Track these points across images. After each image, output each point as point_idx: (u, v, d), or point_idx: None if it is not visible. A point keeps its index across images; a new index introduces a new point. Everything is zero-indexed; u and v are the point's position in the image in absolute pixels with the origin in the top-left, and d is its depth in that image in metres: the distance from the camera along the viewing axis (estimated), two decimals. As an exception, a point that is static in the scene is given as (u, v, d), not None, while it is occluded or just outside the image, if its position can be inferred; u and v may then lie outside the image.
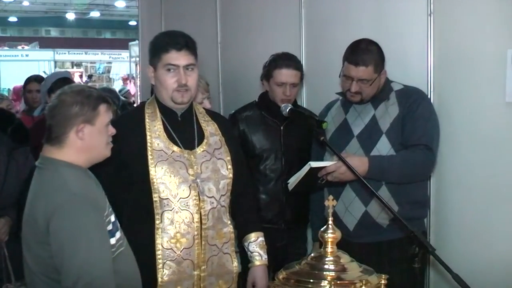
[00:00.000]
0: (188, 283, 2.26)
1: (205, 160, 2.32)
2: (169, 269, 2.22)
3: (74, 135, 1.95)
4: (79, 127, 1.95)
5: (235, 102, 3.61)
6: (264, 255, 2.47)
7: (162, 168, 2.24)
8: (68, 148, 1.96)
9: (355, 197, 2.64)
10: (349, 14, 3.32)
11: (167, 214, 2.23)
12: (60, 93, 1.99)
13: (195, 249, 2.26)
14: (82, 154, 1.98)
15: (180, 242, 2.24)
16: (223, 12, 4.44)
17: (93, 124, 1.97)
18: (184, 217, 2.24)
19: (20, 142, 3.38)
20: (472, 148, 2.69)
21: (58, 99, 1.97)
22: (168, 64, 2.28)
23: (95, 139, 1.99)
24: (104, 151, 2.04)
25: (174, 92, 2.30)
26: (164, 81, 2.30)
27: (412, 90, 2.69)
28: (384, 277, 1.78)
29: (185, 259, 2.24)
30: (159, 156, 2.25)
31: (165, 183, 2.23)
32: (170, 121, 2.35)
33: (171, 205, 2.23)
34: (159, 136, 2.30)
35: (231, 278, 2.39)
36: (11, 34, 28.92)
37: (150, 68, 2.36)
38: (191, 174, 2.27)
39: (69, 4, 23.77)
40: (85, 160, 2.00)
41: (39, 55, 19.93)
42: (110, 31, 30.97)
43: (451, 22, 2.78)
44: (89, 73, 19.77)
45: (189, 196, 2.25)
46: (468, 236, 2.73)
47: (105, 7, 24.10)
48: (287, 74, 3.02)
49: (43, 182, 1.96)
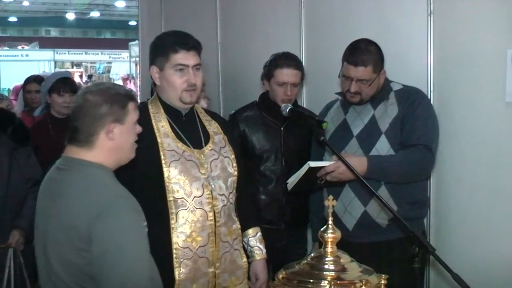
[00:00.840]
0: (203, 280, 2.28)
1: (214, 158, 2.35)
2: (186, 267, 2.24)
3: (104, 135, 1.85)
4: (110, 127, 1.85)
5: (235, 102, 3.62)
6: (264, 249, 2.51)
7: (176, 168, 2.25)
8: (99, 149, 1.86)
9: (354, 197, 2.64)
10: (349, 14, 3.32)
11: (182, 213, 2.24)
12: (85, 92, 1.88)
13: (210, 247, 2.28)
14: (113, 155, 1.89)
15: (196, 240, 2.26)
16: (223, 12, 4.44)
17: (123, 123, 1.88)
18: (199, 216, 2.26)
19: (20, 142, 3.38)
20: (472, 148, 2.69)
21: (84, 99, 1.86)
22: (178, 64, 2.29)
23: (124, 139, 1.90)
24: (130, 152, 1.95)
25: (183, 92, 2.31)
26: (173, 81, 2.30)
27: (412, 90, 2.69)
28: (384, 277, 1.78)
29: (201, 257, 2.27)
30: (172, 156, 2.26)
31: (179, 183, 2.24)
32: (175, 121, 2.36)
33: (186, 204, 2.25)
34: (168, 136, 2.31)
35: (242, 274, 2.43)
36: (11, 34, 28.96)
37: (155, 69, 2.34)
38: (203, 173, 2.29)
39: (69, 4, 23.80)
40: (114, 161, 1.90)
41: (39, 55, 19.97)
42: (110, 31, 31.00)
43: (451, 22, 2.78)
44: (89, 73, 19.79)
45: (203, 195, 2.27)
46: (468, 236, 2.74)
47: (105, 7, 24.13)
48: (288, 73, 3.02)
49: (72, 185, 1.83)
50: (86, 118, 1.84)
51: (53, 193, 1.86)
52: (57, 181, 1.87)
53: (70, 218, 1.76)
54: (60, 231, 1.79)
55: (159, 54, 2.32)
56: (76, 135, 1.86)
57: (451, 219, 2.82)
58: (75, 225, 1.74)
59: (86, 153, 1.86)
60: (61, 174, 1.87)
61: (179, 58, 2.28)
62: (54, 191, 1.86)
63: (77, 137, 1.86)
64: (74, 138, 1.87)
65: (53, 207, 1.83)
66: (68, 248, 1.77)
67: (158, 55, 2.32)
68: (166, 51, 2.29)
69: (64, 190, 1.83)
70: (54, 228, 1.82)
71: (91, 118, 1.84)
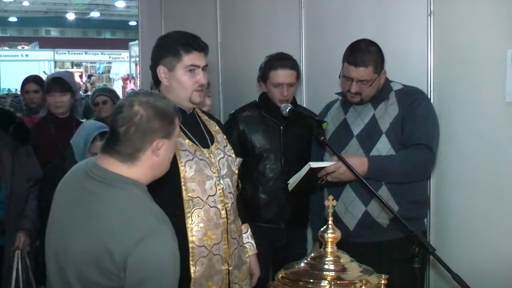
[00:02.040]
0: (218, 277, 2.31)
1: (221, 157, 2.38)
2: (202, 265, 2.26)
3: (150, 152, 1.71)
4: (159, 143, 1.71)
5: (235, 102, 3.61)
6: (254, 244, 2.57)
7: (191, 168, 2.27)
8: (141, 166, 1.72)
9: (355, 197, 2.64)
10: (349, 14, 3.32)
11: (198, 212, 2.26)
12: (133, 101, 1.70)
13: (223, 244, 2.31)
14: (152, 171, 1.76)
15: (211, 238, 2.28)
16: (223, 12, 4.44)
17: (170, 139, 1.75)
18: (213, 214, 2.29)
19: (21, 141, 3.39)
20: (472, 148, 2.69)
21: (134, 110, 1.68)
22: (191, 65, 2.30)
23: (168, 155, 1.78)
24: (168, 166, 1.82)
25: (194, 92, 2.33)
26: (184, 82, 2.31)
27: (412, 90, 2.69)
28: (384, 277, 1.78)
29: (215, 254, 2.29)
30: (186, 156, 2.28)
31: (194, 182, 2.27)
32: (182, 121, 2.37)
33: (201, 203, 2.27)
34: (179, 136, 2.31)
35: (246, 269, 2.47)
36: (11, 34, 28.95)
37: (162, 69, 2.32)
38: (214, 172, 2.32)
39: (69, 4, 23.79)
40: (151, 177, 1.77)
41: (39, 55, 19.98)
42: (110, 31, 31.00)
43: (451, 22, 2.78)
44: (89, 73, 19.80)
45: (216, 194, 2.30)
46: (468, 236, 2.74)
47: (105, 7, 24.13)
48: (283, 74, 3.03)
49: (114, 205, 1.67)
50: (136, 133, 1.68)
51: (88, 208, 1.69)
52: (93, 194, 1.70)
53: (106, 240, 1.61)
54: (89, 251, 1.64)
55: (169, 54, 2.30)
56: (118, 147, 1.70)
57: (451, 219, 2.82)
58: (110, 249, 1.60)
59: (127, 169, 1.71)
60: (99, 188, 1.70)
61: (192, 58, 2.29)
62: (89, 205, 1.69)
63: (120, 150, 1.70)
64: (114, 150, 1.71)
65: (84, 223, 1.67)
66: (95, 269, 1.63)
67: (167, 55, 2.30)
68: (178, 51, 2.29)
69: (104, 210, 1.67)
70: (81, 246, 1.66)
71: (141, 133, 1.69)
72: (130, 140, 1.69)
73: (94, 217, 1.66)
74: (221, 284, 2.31)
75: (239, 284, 2.39)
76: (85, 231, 1.65)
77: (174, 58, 2.29)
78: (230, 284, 2.34)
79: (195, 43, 2.31)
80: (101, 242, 1.61)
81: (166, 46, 2.33)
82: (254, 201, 3.08)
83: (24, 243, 3.24)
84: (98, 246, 1.62)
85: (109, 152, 1.72)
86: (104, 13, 25.96)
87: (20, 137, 3.37)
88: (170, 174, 2.22)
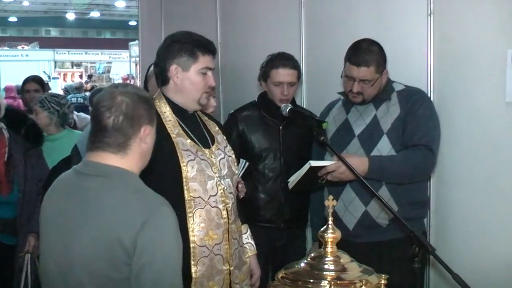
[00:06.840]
0: (219, 278, 2.31)
1: (221, 158, 2.38)
2: (203, 265, 2.26)
3: (139, 139, 1.72)
4: (146, 129, 1.73)
5: (235, 102, 3.61)
6: (254, 245, 2.56)
7: (193, 168, 2.27)
8: (133, 154, 1.72)
9: (355, 197, 2.64)
10: (349, 14, 3.32)
11: (199, 212, 2.26)
12: (113, 93, 1.72)
13: (224, 244, 2.31)
14: (142, 160, 1.76)
15: (212, 238, 2.28)
16: (223, 12, 4.44)
17: (153, 126, 1.77)
18: (214, 214, 2.29)
19: (33, 143, 3.38)
20: (472, 148, 2.69)
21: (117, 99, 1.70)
22: (206, 67, 2.32)
23: (152, 143, 1.78)
24: (149, 155, 1.81)
25: (203, 94, 2.35)
26: (197, 83, 2.32)
27: (414, 91, 2.69)
28: (384, 277, 1.78)
29: (216, 254, 2.29)
30: (188, 156, 2.28)
31: (196, 182, 2.27)
32: (183, 120, 2.37)
33: (203, 203, 2.27)
34: (180, 136, 2.32)
35: (246, 270, 2.47)
36: (11, 34, 28.94)
37: (176, 67, 2.31)
38: (215, 172, 2.32)
39: (69, 4, 23.81)
40: (141, 166, 1.78)
41: (39, 55, 19.97)
42: (110, 31, 31.00)
43: (451, 22, 2.78)
44: (89, 73, 19.78)
45: (217, 194, 2.30)
46: (468, 236, 2.73)
47: (105, 7, 24.14)
48: (284, 73, 3.03)
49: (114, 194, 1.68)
50: (125, 121, 1.69)
51: (88, 205, 1.68)
52: (90, 190, 1.70)
53: (114, 230, 1.61)
54: (98, 246, 1.63)
55: (185, 54, 2.30)
56: (108, 139, 1.70)
57: (451, 219, 2.81)
58: (119, 237, 1.60)
59: (120, 160, 1.71)
60: (96, 182, 1.70)
61: (207, 61, 2.32)
62: (89, 202, 1.68)
63: (110, 142, 1.70)
64: (104, 142, 1.71)
65: (88, 220, 1.66)
66: (108, 264, 1.62)
67: (183, 55, 2.29)
68: (195, 52, 2.29)
69: (106, 201, 1.66)
70: (87, 243, 1.65)
71: (130, 120, 1.70)
72: (121, 129, 1.70)
73: (97, 212, 1.66)
74: (222, 284, 2.31)
75: (240, 285, 2.39)
76: (90, 227, 1.65)
77: (191, 58, 2.29)
78: (231, 284, 2.34)
79: (211, 46, 2.34)
80: (110, 232, 1.62)
81: (182, 46, 2.31)
82: (253, 201, 3.07)
83: (34, 246, 3.24)
84: (107, 237, 1.62)
85: (99, 147, 1.72)
86: (104, 13, 25.96)
87: (32, 139, 3.37)
88: (172, 174, 2.24)
